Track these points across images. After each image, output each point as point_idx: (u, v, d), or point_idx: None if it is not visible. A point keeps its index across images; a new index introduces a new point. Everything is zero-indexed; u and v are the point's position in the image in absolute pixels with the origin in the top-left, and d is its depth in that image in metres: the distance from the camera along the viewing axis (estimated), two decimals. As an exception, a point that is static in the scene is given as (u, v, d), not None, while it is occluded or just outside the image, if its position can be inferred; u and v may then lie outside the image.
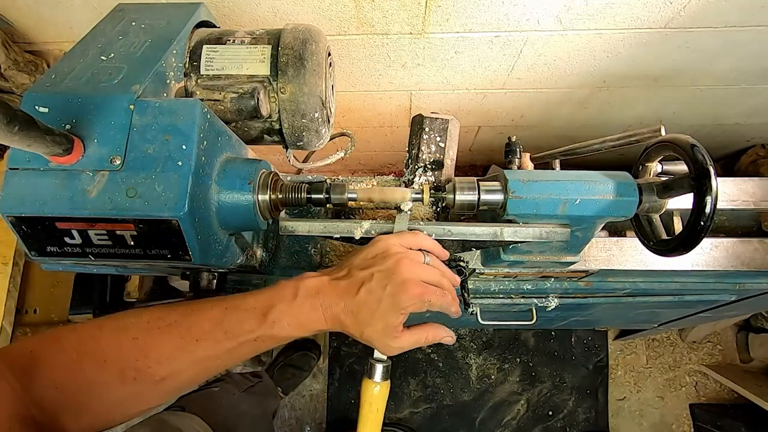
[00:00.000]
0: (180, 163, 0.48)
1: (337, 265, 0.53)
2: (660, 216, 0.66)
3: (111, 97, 0.50)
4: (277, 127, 0.64)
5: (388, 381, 0.57)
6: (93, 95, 0.50)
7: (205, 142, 0.51)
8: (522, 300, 1.05)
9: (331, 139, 0.73)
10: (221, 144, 0.56)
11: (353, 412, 1.97)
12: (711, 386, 2.16)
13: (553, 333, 2.19)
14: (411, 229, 0.57)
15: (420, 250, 0.52)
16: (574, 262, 0.71)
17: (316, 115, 0.63)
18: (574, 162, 0.82)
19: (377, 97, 1.17)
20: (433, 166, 0.70)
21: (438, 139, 0.71)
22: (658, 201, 0.61)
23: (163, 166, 0.47)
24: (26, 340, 0.43)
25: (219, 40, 0.63)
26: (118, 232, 0.48)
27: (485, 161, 1.64)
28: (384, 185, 0.80)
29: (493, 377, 2.16)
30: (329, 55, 0.68)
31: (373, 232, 0.57)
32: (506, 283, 0.97)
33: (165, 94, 0.57)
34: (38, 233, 0.49)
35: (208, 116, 0.52)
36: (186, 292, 0.68)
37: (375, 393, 0.56)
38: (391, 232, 0.56)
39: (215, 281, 0.67)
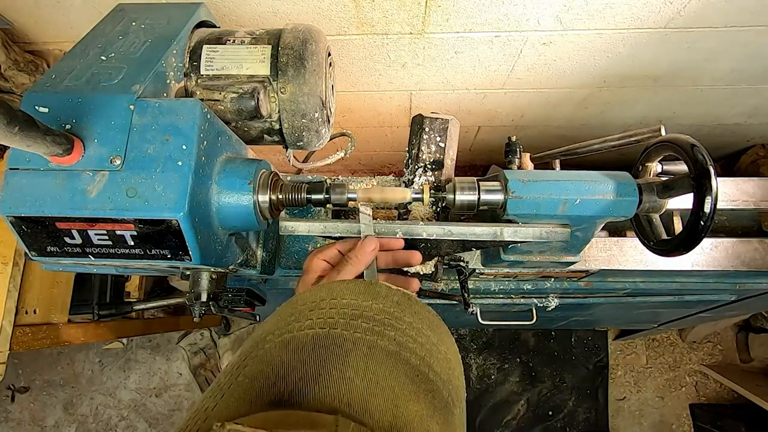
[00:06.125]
0: (180, 163, 0.48)
1: None
2: (660, 216, 0.66)
3: (111, 97, 0.50)
4: (277, 127, 0.64)
5: None
6: (93, 95, 0.50)
7: (205, 142, 0.51)
8: (522, 300, 1.05)
9: (331, 139, 0.73)
10: (221, 144, 0.56)
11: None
12: (711, 386, 2.16)
13: (553, 333, 2.19)
14: (409, 232, 0.58)
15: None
16: (574, 262, 0.71)
17: (316, 115, 0.63)
18: (574, 162, 0.82)
19: (377, 97, 1.17)
20: (433, 166, 0.70)
21: (438, 139, 0.71)
22: (658, 201, 0.60)
23: (163, 166, 0.47)
24: None
25: (219, 40, 0.63)
26: (118, 232, 0.48)
27: (485, 161, 1.64)
28: (384, 185, 0.80)
29: (493, 377, 2.16)
30: (329, 55, 0.68)
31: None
32: (506, 283, 0.97)
33: (165, 94, 0.57)
34: (38, 233, 0.49)
35: (208, 116, 0.52)
36: (186, 291, 0.68)
37: None
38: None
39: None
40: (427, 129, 0.71)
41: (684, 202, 0.65)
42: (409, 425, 0.31)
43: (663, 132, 0.66)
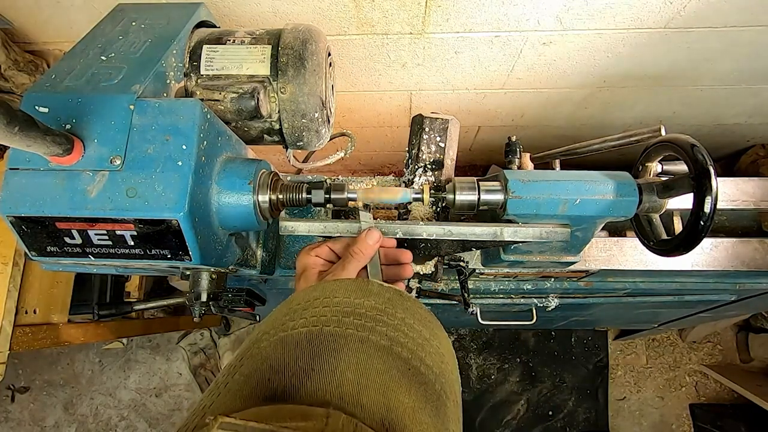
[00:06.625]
0: (180, 163, 0.48)
1: None
2: (660, 216, 0.66)
3: (111, 97, 0.50)
4: (277, 127, 0.64)
5: None
6: (93, 95, 0.50)
7: (205, 142, 0.51)
8: (522, 300, 1.05)
9: (331, 139, 0.73)
10: (221, 144, 0.56)
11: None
12: (711, 386, 2.16)
13: (553, 333, 2.19)
14: (409, 232, 0.58)
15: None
16: (574, 262, 0.71)
17: (316, 115, 0.63)
18: (574, 162, 0.82)
19: (377, 97, 1.17)
20: (433, 166, 0.70)
21: (438, 139, 0.71)
22: (658, 201, 0.60)
23: (163, 166, 0.47)
24: None
25: (219, 40, 0.63)
26: (118, 232, 0.48)
27: (485, 161, 1.64)
28: (384, 185, 0.80)
29: (493, 377, 2.16)
30: (329, 55, 0.68)
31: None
32: (506, 283, 0.97)
33: (165, 94, 0.57)
34: (38, 233, 0.49)
35: (208, 116, 0.52)
36: (186, 291, 0.68)
37: None
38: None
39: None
40: (427, 129, 0.71)
41: (684, 202, 0.65)
42: (401, 417, 0.31)
43: (663, 132, 0.66)
